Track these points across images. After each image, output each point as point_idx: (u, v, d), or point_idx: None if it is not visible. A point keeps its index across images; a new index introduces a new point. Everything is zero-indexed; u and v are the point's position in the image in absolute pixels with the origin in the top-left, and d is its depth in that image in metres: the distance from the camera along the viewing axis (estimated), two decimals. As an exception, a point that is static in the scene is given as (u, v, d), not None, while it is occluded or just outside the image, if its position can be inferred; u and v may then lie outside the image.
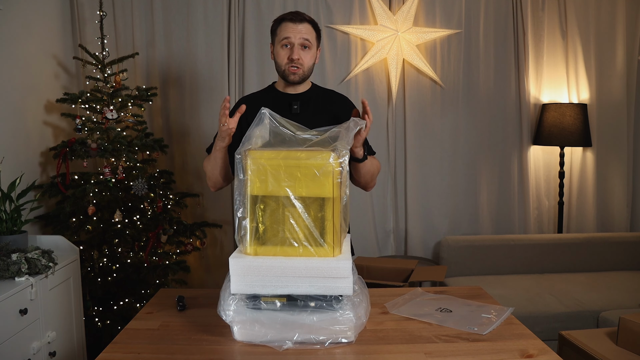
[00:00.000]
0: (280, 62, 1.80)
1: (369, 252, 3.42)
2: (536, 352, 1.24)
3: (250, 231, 1.30)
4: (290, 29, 1.77)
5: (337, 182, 1.28)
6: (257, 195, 1.30)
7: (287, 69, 1.79)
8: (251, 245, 1.30)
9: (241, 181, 1.30)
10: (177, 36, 3.25)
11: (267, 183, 1.29)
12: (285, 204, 1.29)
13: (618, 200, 3.57)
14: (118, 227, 2.59)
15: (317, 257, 1.28)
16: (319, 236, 1.29)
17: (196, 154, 3.31)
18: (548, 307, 2.72)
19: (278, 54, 1.80)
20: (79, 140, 2.63)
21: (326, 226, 1.29)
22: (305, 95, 1.87)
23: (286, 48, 1.78)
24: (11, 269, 1.90)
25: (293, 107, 1.83)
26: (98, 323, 2.61)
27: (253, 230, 1.31)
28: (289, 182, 1.28)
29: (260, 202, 1.30)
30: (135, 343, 1.31)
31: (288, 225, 1.29)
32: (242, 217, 1.30)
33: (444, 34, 3.38)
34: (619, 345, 2.04)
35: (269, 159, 1.29)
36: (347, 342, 1.28)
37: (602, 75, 3.51)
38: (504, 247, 3.29)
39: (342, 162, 1.28)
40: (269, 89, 1.93)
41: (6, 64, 2.51)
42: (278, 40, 1.80)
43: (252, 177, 1.29)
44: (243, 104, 1.66)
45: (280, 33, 1.79)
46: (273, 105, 1.76)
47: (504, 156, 3.51)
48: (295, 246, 1.29)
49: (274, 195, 1.29)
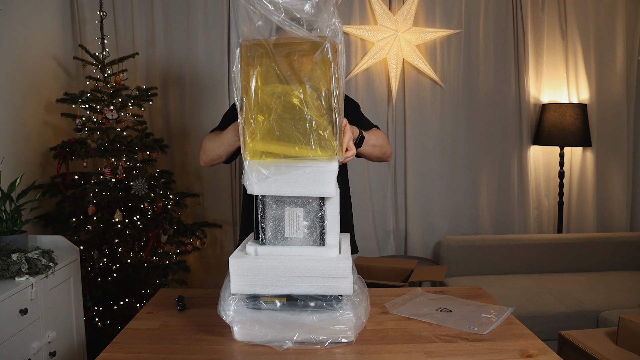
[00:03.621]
0: None
1: (369, 252, 3.42)
2: (536, 352, 1.24)
3: (249, 127, 1.25)
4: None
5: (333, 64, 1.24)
6: (257, 91, 1.25)
7: None
8: (252, 141, 1.25)
9: (237, 73, 1.26)
10: (177, 36, 3.25)
11: (264, 75, 1.25)
12: (285, 95, 1.25)
13: (618, 200, 3.57)
14: (118, 227, 2.59)
15: (318, 160, 1.24)
16: (321, 133, 1.24)
17: (196, 154, 3.31)
18: (548, 307, 2.72)
19: None
20: (79, 140, 2.63)
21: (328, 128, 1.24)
22: None
23: None
24: (11, 269, 1.90)
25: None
26: (98, 323, 2.61)
27: (253, 127, 1.25)
28: (288, 71, 1.25)
29: (259, 97, 1.26)
30: (135, 343, 1.31)
31: (288, 120, 1.25)
32: (241, 112, 1.26)
33: (444, 34, 3.38)
34: (619, 345, 2.04)
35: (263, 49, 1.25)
36: (347, 342, 1.28)
37: (602, 75, 3.51)
38: (504, 247, 3.29)
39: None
40: None
41: (6, 64, 2.51)
42: None
43: (246, 68, 1.25)
44: None
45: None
46: None
47: (503, 156, 3.51)
48: (297, 142, 1.24)
49: (273, 90, 1.25)
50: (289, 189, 1.27)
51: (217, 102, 3.28)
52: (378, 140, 1.73)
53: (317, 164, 1.27)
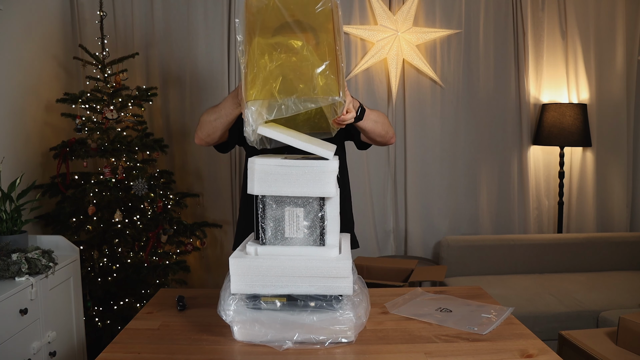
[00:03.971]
0: None
1: (369, 252, 3.42)
2: (536, 352, 1.24)
3: (251, 71, 1.27)
4: None
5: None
6: (261, 39, 1.29)
7: None
8: (253, 85, 1.27)
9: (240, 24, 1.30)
10: (177, 36, 3.25)
11: (268, 24, 1.30)
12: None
13: (618, 200, 3.57)
14: (118, 227, 2.59)
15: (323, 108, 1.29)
16: (325, 75, 1.27)
17: (196, 153, 3.31)
18: (548, 307, 2.72)
19: None
20: (79, 140, 2.63)
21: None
22: None
23: None
24: (11, 269, 1.90)
25: None
26: (98, 323, 2.61)
27: (256, 71, 1.28)
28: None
29: (262, 44, 1.29)
30: (135, 343, 1.31)
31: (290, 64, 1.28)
32: (243, 58, 1.28)
33: (444, 34, 3.38)
34: (619, 345, 2.04)
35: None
36: (347, 342, 1.28)
37: (602, 75, 3.52)
38: (504, 247, 3.29)
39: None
40: None
41: (6, 64, 2.51)
42: None
43: (251, 18, 1.29)
44: None
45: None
46: None
47: (503, 156, 3.52)
48: (300, 82, 1.27)
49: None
50: (289, 189, 1.27)
51: (217, 102, 3.27)
52: (379, 117, 1.68)
53: (318, 163, 1.27)
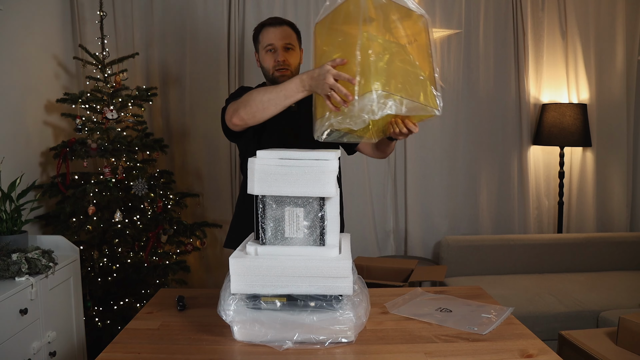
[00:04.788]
0: (268, 66, 1.81)
1: (369, 252, 3.42)
2: (536, 352, 1.24)
3: (364, 64, 1.31)
4: (272, 33, 1.79)
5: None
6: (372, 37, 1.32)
7: (275, 72, 1.80)
8: (364, 77, 1.30)
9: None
10: (177, 36, 3.25)
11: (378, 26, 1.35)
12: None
13: (618, 200, 3.57)
14: (118, 227, 2.59)
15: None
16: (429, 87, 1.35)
17: (196, 153, 3.31)
18: (548, 307, 2.72)
19: (264, 60, 1.82)
20: (79, 140, 2.63)
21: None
22: None
23: (271, 52, 1.80)
24: (11, 269, 1.90)
25: (291, 106, 1.83)
26: (98, 323, 2.61)
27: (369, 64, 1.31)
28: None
29: (373, 42, 1.32)
30: (135, 343, 1.31)
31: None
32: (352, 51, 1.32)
33: (444, 34, 3.38)
34: (619, 345, 2.04)
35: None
36: (347, 342, 1.28)
37: (602, 75, 3.52)
38: (504, 247, 3.29)
39: None
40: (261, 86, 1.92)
41: (6, 64, 2.51)
42: (262, 46, 1.82)
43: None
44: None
45: (263, 39, 1.81)
46: None
47: (503, 156, 3.51)
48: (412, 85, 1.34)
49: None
50: (289, 189, 1.27)
51: (217, 102, 3.28)
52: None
53: (318, 163, 1.27)
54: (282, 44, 1.79)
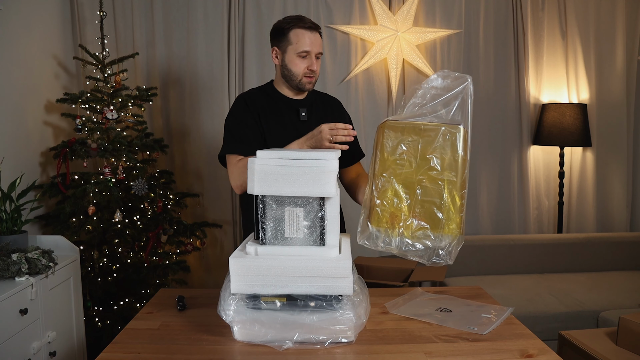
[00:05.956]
0: (297, 71, 1.79)
1: (369, 252, 3.42)
2: (536, 352, 1.24)
3: (382, 206, 1.38)
4: (308, 39, 1.76)
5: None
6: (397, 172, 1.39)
7: (304, 78, 1.80)
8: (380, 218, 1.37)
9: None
10: (177, 36, 3.25)
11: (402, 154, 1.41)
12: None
13: (618, 200, 3.57)
14: (118, 227, 2.59)
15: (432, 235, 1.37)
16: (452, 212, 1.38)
17: (196, 153, 3.31)
18: (548, 307, 2.72)
19: (293, 63, 1.78)
20: (79, 140, 2.63)
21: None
22: (308, 101, 1.89)
23: (303, 58, 1.77)
24: (11, 269, 1.90)
25: (301, 114, 1.85)
26: (98, 323, 2.61)
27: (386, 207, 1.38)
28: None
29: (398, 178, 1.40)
30: (135, 343, 1.31)
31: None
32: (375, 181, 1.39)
33: (444, 34, 3.38)
34: (619, 345, 2.04)
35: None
36: (347, 342, 1.28)
37: (602, 75, 3.52)
38: (504, 247, 3.29)
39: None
40: (269, 88, 1.91)
41: (6, 64, 2.51)
42: (294, 49, 1.77)
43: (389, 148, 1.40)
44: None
45: (298, 42, 1.76)
46: (282, 110, 1.83)
47: (504, 156, 3.52)
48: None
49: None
50: (289, 189, 1.27)
51: (217, 102, 3.28)
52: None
53: (317, 163, 1.27)
54: (316, 51, 1.78)
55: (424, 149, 1.44)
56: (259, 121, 1.81)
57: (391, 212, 1.39)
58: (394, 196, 1.41)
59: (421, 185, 1.42)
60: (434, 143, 1.44)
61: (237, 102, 1.86)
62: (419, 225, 1.40)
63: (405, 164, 1.43)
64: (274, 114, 1.83)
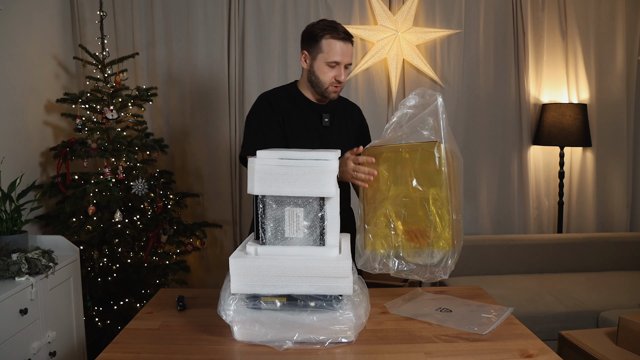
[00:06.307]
0: (325, 79, 1.78)
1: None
2: (536, 352, 1.24)
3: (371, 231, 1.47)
4: (340, 49, 1.75)
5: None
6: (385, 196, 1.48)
7: (331, 88, 1.80)
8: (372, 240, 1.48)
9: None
10: (177, 36, 3.25)
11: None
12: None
13: (618, 200, 3.57)
14: (118, 227, 2.59)
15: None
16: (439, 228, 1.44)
17: (196, 153, 3.31)
18: (548, 307, 2.72)
19: (323, 72, 1.78)
20: (79, 140, 2.63)
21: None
22: (331, 106, 1.90)
23: (332, 68, 1.77)
24: (11, 269, 1.90)
25: (324, 119, 1.86)
26: (98, 323, 2.61)
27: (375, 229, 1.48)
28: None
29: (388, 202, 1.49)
30: (135, 343, 1.31)
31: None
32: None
33: (444, 34, 3.38)
34: (619, 345, 2.04)
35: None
36: (347, 342, 1.28)
37: (602, 75, 3.52)
38: (504, 247, 3.29)
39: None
40: (293, 90, 1.90)
41: (6, 64, 2.51)
42: (324, 57, 1.76)
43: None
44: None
45: (330, 52, 1.75)
46: (305, 114, 1.83)
47: (503, 156, 3.51)
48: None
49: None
50: (289, 189, 1.27)
51: (217, 102, 3.28)
52: None
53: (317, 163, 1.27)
54: (346, 62, 1.78)
55: (404, 169, 1.49)
56: (282, 123, 1.81)
57: (384, 234, 1.47)
58: (384, 219, 1.48)
59: (406, 206, 1.48)
60: (413, 162, 1.49)
61: (261, 102, 1.85)
62: (410, 245, 1.46)
63: (390, 186, 1.50)
64: (297, 117, 1.84)
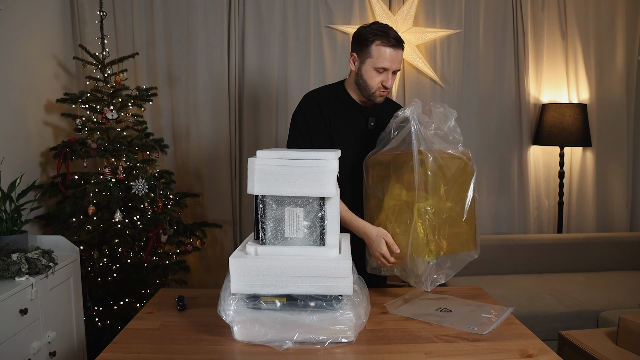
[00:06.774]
0: (373, 84, 1.78)
1: (369, 252, 3.42)
2: (536, 352, 1.24)
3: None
4: (389, 56, 1.74)
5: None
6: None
7: (378, 92, 1.80)
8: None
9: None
10: (177, 36, 3.25)
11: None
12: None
13: (618, 200, 3.57)
14: (118, 227, 2.59)
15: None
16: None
17: (196, 154, 3.31)
18: (548, 307, 2.72)
19: (370, 76, 1.77)
20: (79, 140, 2.63)
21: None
22: (376, 109, 1.90)
23: (380, 73, 1.77)
24: (11, 269, 1.90)
25: (370, 123, 1.87)
26: (98, 323, 2.61)
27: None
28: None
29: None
30: (135, 343, 1.31)
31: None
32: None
33: (444, 34, 3.38)
34: (619, 345, 2.04)
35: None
36: (347, 342, 1.28)
37: (602, 75, 3.51)
38: (504, 247, 3.29)
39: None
40: (341, 91, 1.90)
41: (6, 64, 2.51)
42: (373, 62, 1.75)
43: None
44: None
45: (379, 58, 1.74)
46: (352, 116, 1.85)
47: (503, 156, 3.51)
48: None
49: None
50: (289, 189, 1.27)
51: (217, 102, 3.28)
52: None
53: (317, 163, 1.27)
54: (395, 68, 1.77)
55: (392, 179, 1.58)
56: (329, 124, 1.82)
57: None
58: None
59: (396, 213, 1.54)
60: (399, 172, 1.56)
61: (309, 103, 1.85)
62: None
63: (386, 196, 1.59)
64: (344, 120, 1.84)
